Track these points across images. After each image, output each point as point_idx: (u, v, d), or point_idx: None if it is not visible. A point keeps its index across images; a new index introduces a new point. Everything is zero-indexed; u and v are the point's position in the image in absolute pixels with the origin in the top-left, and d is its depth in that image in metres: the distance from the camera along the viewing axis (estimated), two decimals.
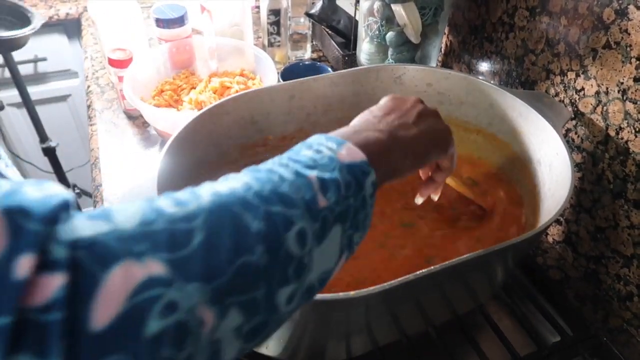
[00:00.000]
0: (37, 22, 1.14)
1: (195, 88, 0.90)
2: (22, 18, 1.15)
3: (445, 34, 0.92)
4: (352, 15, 0.98)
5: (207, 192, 0.28)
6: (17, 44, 1.13)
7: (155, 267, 0.23)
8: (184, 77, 0.94)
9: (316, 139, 0.37)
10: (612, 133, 0.61)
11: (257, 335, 0.29)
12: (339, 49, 1.01)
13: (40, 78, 1.52)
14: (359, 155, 0.36)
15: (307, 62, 0.96)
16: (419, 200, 0.54)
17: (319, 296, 0.41)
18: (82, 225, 0.23)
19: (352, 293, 0.41)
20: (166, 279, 0.23)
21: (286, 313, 0.31)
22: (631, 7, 0.55)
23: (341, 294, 0.41)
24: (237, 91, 0.85)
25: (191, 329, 0.24)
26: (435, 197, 0.55)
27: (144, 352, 0.22)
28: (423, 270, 0.43)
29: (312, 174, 0.32)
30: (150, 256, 0.23)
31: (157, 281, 0.23)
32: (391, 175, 0.40)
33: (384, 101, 0.47)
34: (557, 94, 0.68)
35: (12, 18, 1.15)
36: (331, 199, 0.32)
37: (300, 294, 0.31)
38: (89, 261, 0.22)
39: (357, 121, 0.43)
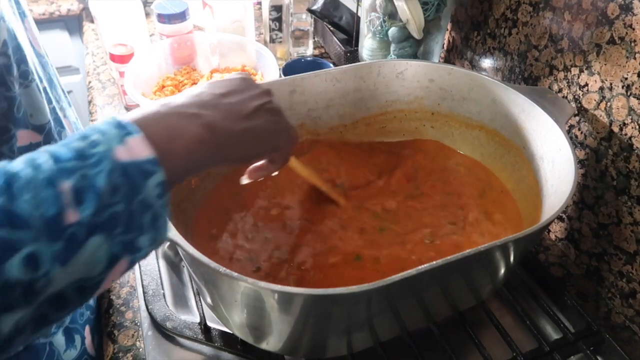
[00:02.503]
0: None
1: (196, 84, 0.90)
2: None
3: (447, 29, 0.92)
4: (354, 11, 0.98)
5: None
6: None
7: None
8: (185, 73, 0.94)
9: (102, 126, 0.32)
10: (616, 129, 0.60)
11: None
12: (340, 45, 1.01)
13: None
14: (144, 152, 0.32)
15: (308, 59, 0.95)
16: (244, 180, 0.52)
17: (320, 290, 0.41)
18: None
19: (353, 288, 0.40)
20: None
21: (18, 339, 0.28)
22: (635, 2, 0.54)
23: (342, 289, 0.40)
24: None
25: None
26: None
27: None
28: (424, 265, 0.43)
29: (67, 183, 0.29)
30: None
31: None
32: (195, 169, 0.38)
33: (232, 77, 0.44)
34: (560, 90, 0.68)
35: None
36: (86, 210, 0.29)
37: (31, 317, 0.29)
38: None
39: (187, 93, 0.41)
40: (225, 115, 0.40)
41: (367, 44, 0.89)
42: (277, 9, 0.99)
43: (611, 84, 0.60)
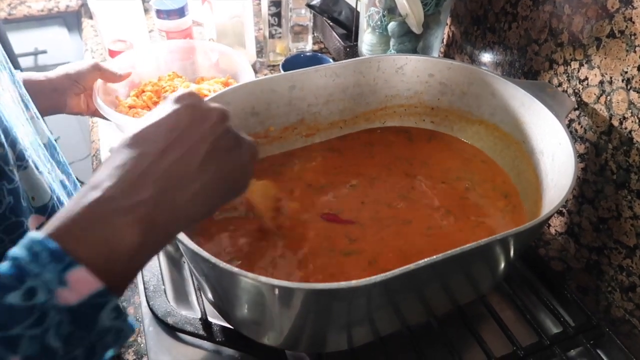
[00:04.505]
0: None
1: (176, 90, 0.84)
2: None
3: (447, 24, 0.91)
4: (354, 6, 0.97)
5: None
6: None
7: None
8: (168, 79, 0.88)
9: (32, 264, 0.28)
10: (616, 123, 0.60)
11: None
12: (340, 40, 1.00)
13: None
14: (90, 286, 0.29)
15: (308, 54, 0.95)
16: None
17: (321, 285, 0.41)
18: None
19: (353, 282, 0.41)
20: None
21: None
22: None
23: (342, 283, 0.41)
24: None
25: None
26: None
27: None
28: (425, 260, 0.43)
29: (15, 358, 0.27)
30: None
31: None
32: (142, 266, 0.33)
33: (173, 109, 0.35)
34: (560, 84, 0.68)
35: None
36: None
37: None
38: None
39: (111, 163, 0.33)
40: (165, 187, 0.33)
41: (367, 39, 0.89)
42: (276, 4, 0.98)
43: (611, 77, 0.59)
